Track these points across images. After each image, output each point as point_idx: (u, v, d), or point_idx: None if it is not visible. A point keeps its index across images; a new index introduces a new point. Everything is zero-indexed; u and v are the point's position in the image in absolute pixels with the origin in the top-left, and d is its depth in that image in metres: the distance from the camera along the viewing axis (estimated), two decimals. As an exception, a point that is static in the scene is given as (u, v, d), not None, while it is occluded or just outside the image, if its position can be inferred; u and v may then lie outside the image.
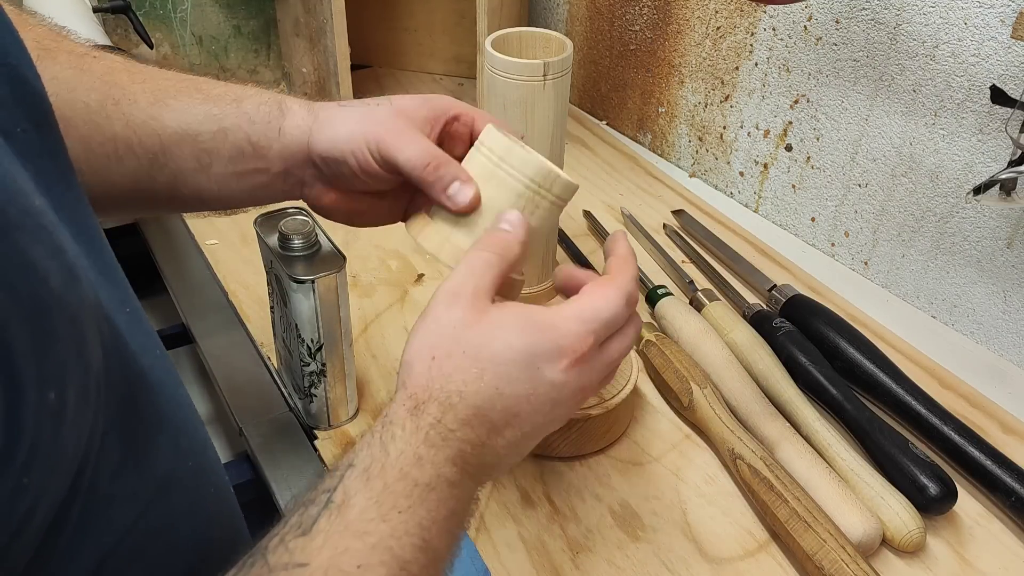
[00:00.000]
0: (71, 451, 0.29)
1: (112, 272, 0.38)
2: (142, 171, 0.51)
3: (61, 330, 0.27)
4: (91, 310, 0.31)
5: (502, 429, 0.42)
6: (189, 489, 0.40)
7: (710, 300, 0.77)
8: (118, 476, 0.34)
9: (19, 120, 0.33)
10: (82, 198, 0.37)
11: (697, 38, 0.97)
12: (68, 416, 0.28)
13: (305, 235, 0.60)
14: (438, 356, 0.42)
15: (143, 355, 0.37)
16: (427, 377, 0.41)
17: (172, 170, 0.51)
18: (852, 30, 0.80)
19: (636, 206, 0.96)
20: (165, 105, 0.51)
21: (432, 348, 0.42)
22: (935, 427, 0.64)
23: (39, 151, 0.34)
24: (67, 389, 0.28)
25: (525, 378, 0.42)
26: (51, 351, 0.27)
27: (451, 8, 1.15)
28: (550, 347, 0.42)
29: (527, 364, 0.42)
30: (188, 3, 1.08)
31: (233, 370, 0.73)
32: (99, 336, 0.31)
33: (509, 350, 0.42)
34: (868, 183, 0.83)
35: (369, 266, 0.84)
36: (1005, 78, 0.68)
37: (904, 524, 0.57)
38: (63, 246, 0.29)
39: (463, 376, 0.41)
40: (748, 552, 0.58)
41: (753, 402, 0.65)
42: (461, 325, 0.42)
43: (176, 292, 0.82)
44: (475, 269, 0.44)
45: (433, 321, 0.43)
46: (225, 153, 0.51)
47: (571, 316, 0.43)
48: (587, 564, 0.56)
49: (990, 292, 0.75)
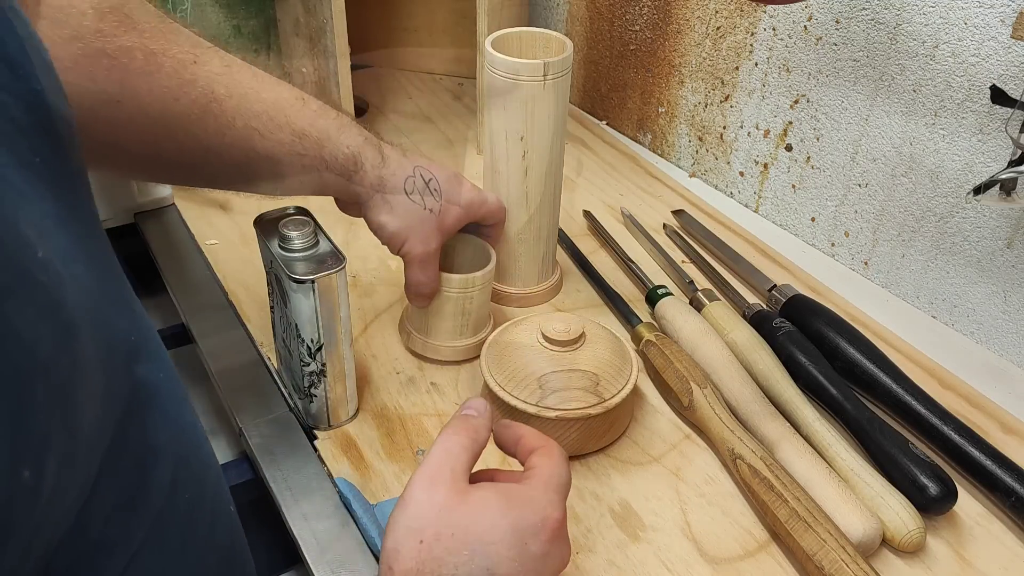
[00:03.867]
0: (54, 518, 0.28)
1: (120, 299, 0.36)
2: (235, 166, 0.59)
3: (44, 401, 0.26)
4: (89, 364, 0.30)
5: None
6: (183, 524, 0.39)
7: (710, 300, 0.77)
8: (110, 521, 0.33)
9: (39, 149, 0.32)
10: (96, 224, 0.36)
11: (697, 38, 0.97)
12: (46, 489, 0.27)
13: (305, 235, 0.60)
14: (426, 540, 0.42)
15: (145, 386, 0.36)
16: (417, 560, 0.41)
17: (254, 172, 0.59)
18: (852, 30, 0.80)
19: (636, 206, 0.96)
20: (259, 135, 0.58)
21: (419, 532, 0.42)
22: (935, 427, 0.64)
23: (57, 182, 0.32)
24: (46, 464, 0.26)
25: (514, 556, 0.42)
26: (30, 425, 0.26)
27: (451, 8, 1.15)
28: (535, 520, 0.43)
29: (515, 542, 0.43)
30: (188, 3, 1.08)
31: (233, 370, 0.73)
32: (95, 389, 0.30)
33: (495, 530, 0.42)
34: (868, 183, 0.83)
35: (369, 266, 0.84)
36: (1005, 78, 0.68)
37: (904, 524, 0.57)
38: (62, 300, 0.28)
39: (454, 559, 0.41)
40: (748, 552, 0.58)
41: (753, 402, 0.65)
42: (445, 508, 0.43)
43: (176, 292, 0.82)
44: (451, 452, 0.45)
45: (415, 505, 0.43)
46: (295, 181, 0.61)
47: (542, 486, 0.45)
48: (587, 564, 0.56)
49: (990, 292, 0.75)
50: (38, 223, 0.29)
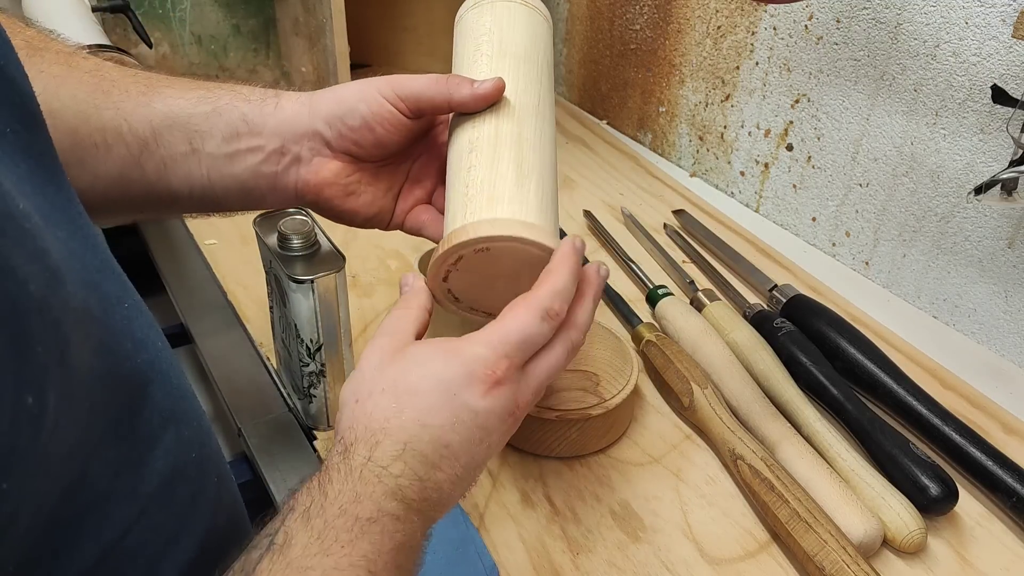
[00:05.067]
0: (57, 456, 0.29)
1: (108, 268, 0.37)
2: (131, 160, 0.50)
3: (41, 334, 0.27)
4: (78, 313, 0.30)
5: (438, 463, 0.41)
6: (192, 480, 0.39)
7: (711, 300, 0.76)
8: (119, 475, 0.34)
9: (8, 121, 0.33)
10: (74, 198, 0.37)
11: (698, 37, 0.97)
12: (49, 420, 0.27)
13: (304, 235, 0.60)
14: (360, 398, 0.42)
15: (144, 349, 0.37)
16: (351, 419, 0.42)
17: (162, 156, 0.50)
18: (853, 29, 0.80)
19: (636, 206, 0.96)
20: (157, 93, 0.51)
21: (355, 393, 0.43)
22: (936, 427, 0.64)
23: (28, 151, 0.34)
24: (47, 393, 0.27)
25: (445, 406, 0.42)
26: (29, 355, 0.26)
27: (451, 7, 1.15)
28: (462, 372, 0.42)
29: (443, 392, 0.42)
30: (187, 2, 1.08)
31: (232, 370, 0.72)
32: (88, 339, 0.31)
33: (424, 380, 0.42)
34: (869, 183, 0.83)
35: (369, 266, 0.84)
36: (1006, 77, 0.68)
37: (905, 525, 0.57)
38: (47, 248, 0.29)
39: (383, 413, 0.41)
40: (749, 553, 0.58)
41: (754, 402, 0.65)
42: (380, 367, 0.43)
43: (175, 292, 0.82)
44: (390, 321, 0.46)
45: (357, 372, 0.44)
46: (218, 132, 0.51)
47: (480, 341, 0.43)
48: (587, 564, 0.56)
49: (991, 292, 0.75)
50: (16, 183, 0.30)
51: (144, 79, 0.51)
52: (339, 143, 0.52)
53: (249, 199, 0.53)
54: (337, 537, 0.37)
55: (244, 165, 0.51)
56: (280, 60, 1.15)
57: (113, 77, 0.50)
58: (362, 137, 0.51)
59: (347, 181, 0.53)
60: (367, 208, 0.54)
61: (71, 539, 0.32)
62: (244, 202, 0.54)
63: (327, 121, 0.51)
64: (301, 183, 0.53)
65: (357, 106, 0.51)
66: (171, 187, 0.51)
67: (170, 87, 0.51)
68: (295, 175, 0.52)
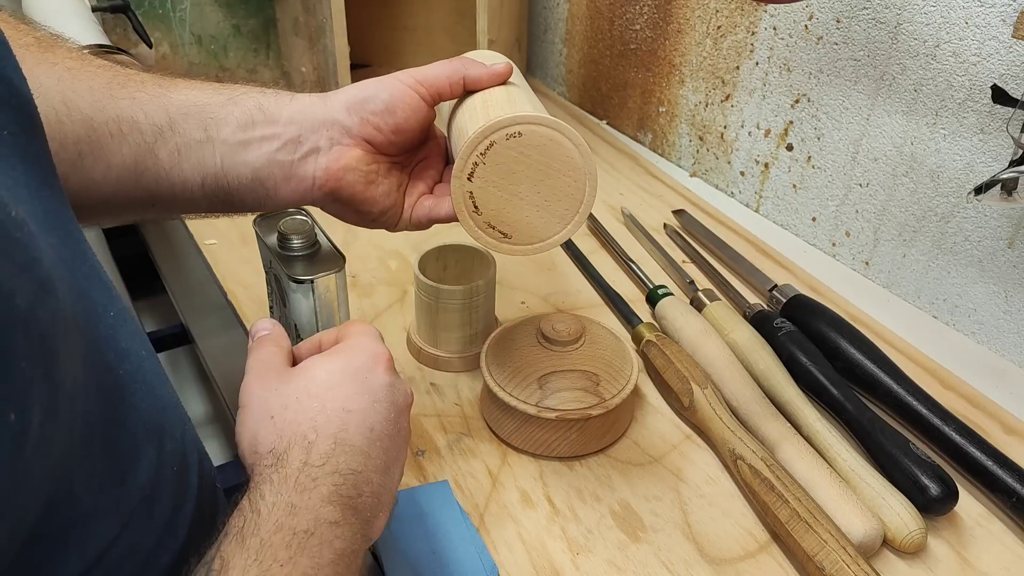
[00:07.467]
0: (41, 472, 0.29)
1: (96, 275, 0.37)
2: (145, 148, 0.50)
3: (25, 349, 0.27)
4: (67, 322, 0.30)
5: (367, 449, 0.42)
6: (174, 494, 0.39)
7: (711, 300, 0.76)
8: (102, 490, 0.34)
9: (5, 123, 0.33)
10: (65, 203, 0.37)
11: (698, 37, 0.97)
12: (31, 436, 0.27)
13: (304, 235, 0.60)
14: (276, 414, 0.43)
15: (128, 358, 0.37)
16: (276, 431, 0.42)
17: (176, 144, 0.51)
18: (853, 29, 0.80)
19: (636, 206, 0.96)
20: (174, 84, 0.52)
21: (267, 413, 0.43)
22: (936, 427, 0.64)
23: (25, 154, 0.34)
24: (31, 410, 0.27)
25: (359, 389, 0.44)
26: (12, 371, 0.26)
27: (451, 7, 1.15)
28: (365, 358, 0.45)
29: (355, 378, 0.44)
30: (187, 2, 1.08)
31: (232, 370, 0.72)
32: (76, 350, 0.30)
33: (332, 376, 0.44)
34: (869, 183, 0.83)
35: (369, 266, 0.84)
36: (1006, 77, 0.68)
37: (905, 525, 0.57)
38: (38, 257, 0.29)
39: (308, 414, 0.42)
40: (749, 553, 0.58)
41: (754, 402, 0.65)
42: (279, 386, 0.44)
43: (175, 292, 0.82)
44: (263, 356, 0.47)
45: (254, 400, 0.44)
46: (233, 119, 0.51)
47: (361, 337, 0.47)
48: (587, 564, 0.56)
49: (991, 292, 0.75)
50: (11, 188, 0.30)
51: (159, 75, 0.53)
52: (360, 128, 0.53)
53: (260, 191, 0.53)
54: (276, 556, 0.36)
55: (258, 152, 0.52)
56: (280, 60, 1.15)
57: (128, 71, 0.51)
58: (383, 121, 0.53)
59: (368, 168, 0.54)
60: (384, 198, 0.55)
61: (53, 556, 0.32)
62: (255, 194, 0.54)
63: (348, 108, 0.53)
64: (320, 171, 0.53)
65: (379, 92, 0.53)
66: (184, 176, 0.52)
67: (186, 81, 0.53)
68: (313, 164, 0.53)
